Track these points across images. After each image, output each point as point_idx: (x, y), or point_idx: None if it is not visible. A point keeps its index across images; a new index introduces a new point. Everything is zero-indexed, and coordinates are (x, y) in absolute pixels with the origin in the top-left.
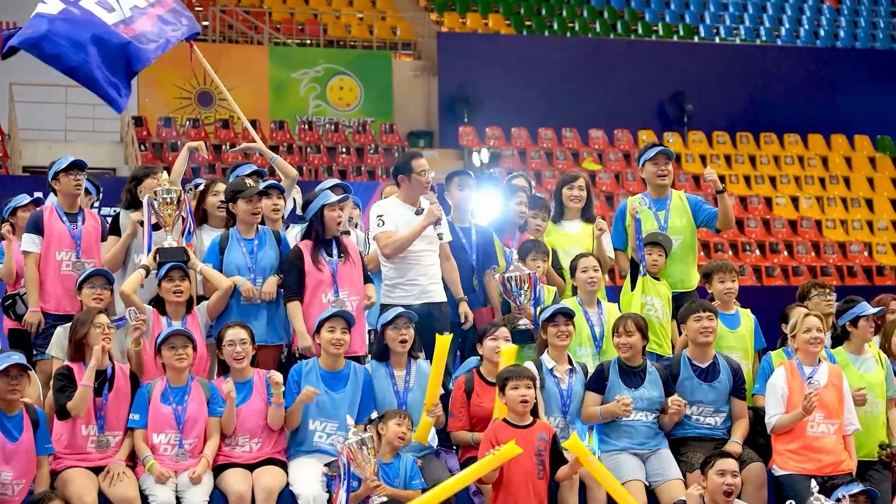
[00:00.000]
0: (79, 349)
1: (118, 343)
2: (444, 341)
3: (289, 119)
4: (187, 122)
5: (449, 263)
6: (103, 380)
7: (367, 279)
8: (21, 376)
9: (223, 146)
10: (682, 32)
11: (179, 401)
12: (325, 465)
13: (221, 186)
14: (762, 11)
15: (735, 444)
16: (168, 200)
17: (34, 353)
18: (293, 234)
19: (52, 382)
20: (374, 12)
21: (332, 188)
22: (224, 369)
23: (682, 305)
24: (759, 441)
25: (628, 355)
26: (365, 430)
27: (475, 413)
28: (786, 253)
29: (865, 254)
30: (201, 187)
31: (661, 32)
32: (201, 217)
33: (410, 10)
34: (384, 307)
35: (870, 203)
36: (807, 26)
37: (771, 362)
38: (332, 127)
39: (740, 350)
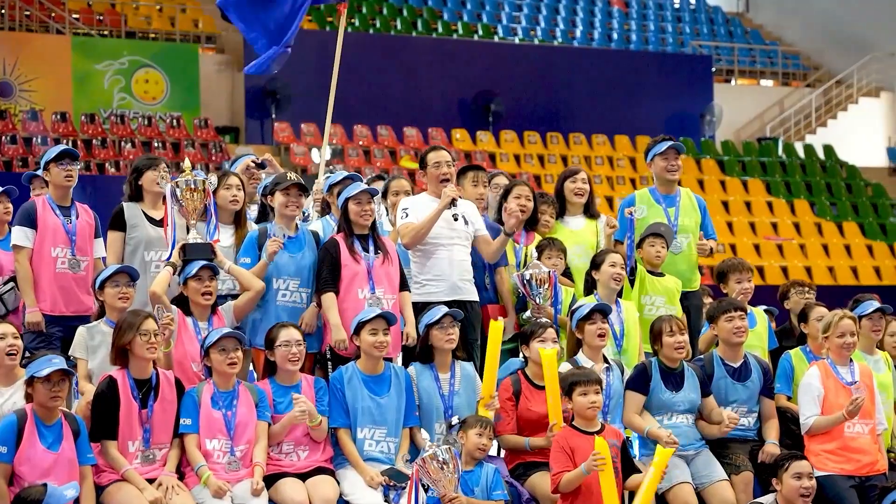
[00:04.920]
0: (122, 355)
1: None
2: (497, 327)
3: (95, 112)
4: None
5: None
6: (148, 390)
7: (405, 285)
8: (63, 382)
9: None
10: (481, 32)
11: (229, 406)
12: (382, 472)
13: (234, 180)
14: (555, 13)
15: (773, 446)
16: (192, 187)
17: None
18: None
19: (91, 400)
20: (175, 3)
21: (346, 179)
22: (268, 373)
23: (687, 305)
24: (785, 441)
25: (683, 356)
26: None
27: (523, 416)
28: None
29: None
30: (211, 180)
31: (460, 32)
32: None
33: (210, 2)
34: (416, 305)
35: None
36: (599, 29)
37: (791, 361)
38: (146, 121)
39: (759, 349)
